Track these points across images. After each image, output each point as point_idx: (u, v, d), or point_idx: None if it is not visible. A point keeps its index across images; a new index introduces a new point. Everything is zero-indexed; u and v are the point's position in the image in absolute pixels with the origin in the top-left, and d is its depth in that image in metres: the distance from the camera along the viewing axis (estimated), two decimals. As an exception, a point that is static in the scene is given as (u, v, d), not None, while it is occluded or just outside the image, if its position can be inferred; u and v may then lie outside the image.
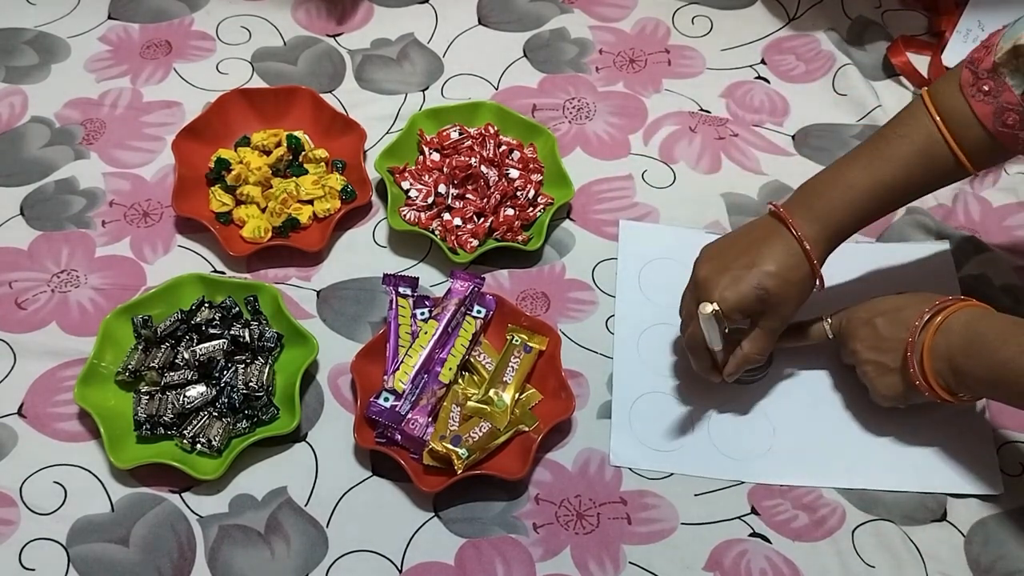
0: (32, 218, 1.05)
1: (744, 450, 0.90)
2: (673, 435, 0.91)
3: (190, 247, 1.03)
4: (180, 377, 0.89)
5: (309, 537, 0.85)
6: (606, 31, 1.24)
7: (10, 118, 1.14)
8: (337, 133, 1.10)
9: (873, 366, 0.85)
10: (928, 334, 0.80)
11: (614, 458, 0.89)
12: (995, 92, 0.78)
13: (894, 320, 0.83)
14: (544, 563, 0.84)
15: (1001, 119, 0.79)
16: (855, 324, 0.86)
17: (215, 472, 0.85)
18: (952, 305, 0.81)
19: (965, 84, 0.80)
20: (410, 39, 1.23)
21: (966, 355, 0.78)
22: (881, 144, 0.84)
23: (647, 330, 0.97)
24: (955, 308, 0.81)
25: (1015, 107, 0.78)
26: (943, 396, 0.81)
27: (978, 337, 0.77)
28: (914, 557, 0.84)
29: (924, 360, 0.80)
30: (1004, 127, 0.79)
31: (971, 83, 0.79)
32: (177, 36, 1.22)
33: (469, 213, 1.01)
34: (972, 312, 0.80)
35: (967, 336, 0.78)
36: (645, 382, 0.94)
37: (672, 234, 1.04)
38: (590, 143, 1.13)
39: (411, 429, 0.87)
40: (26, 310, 0.98)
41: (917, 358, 0.81)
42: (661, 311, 0.97)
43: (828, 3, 1.27)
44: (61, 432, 0.90)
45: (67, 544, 0.84)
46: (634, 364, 0.95)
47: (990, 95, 0.79)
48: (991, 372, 0.76)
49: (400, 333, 0.93)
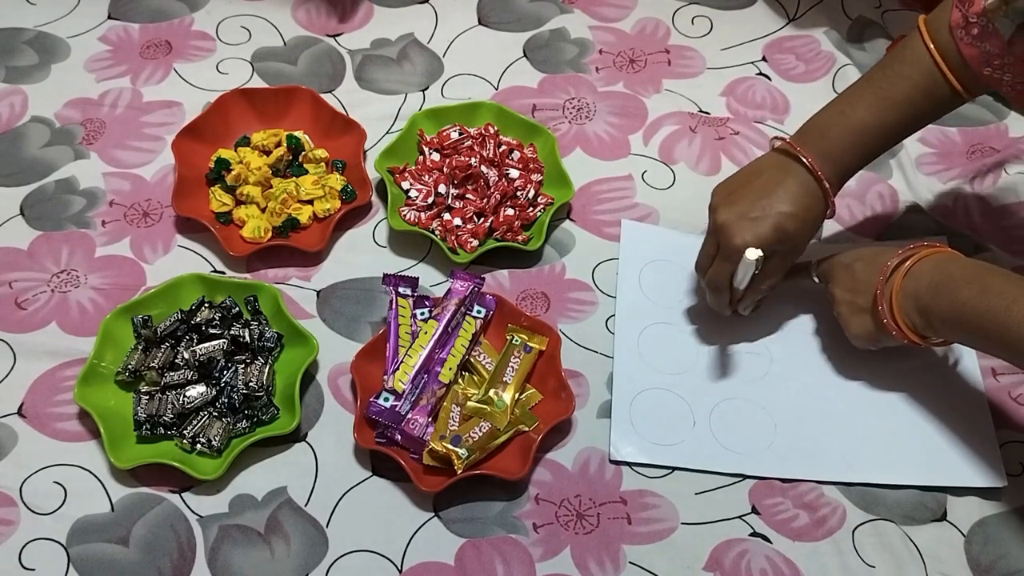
0: (32, 218, 1.05)
1: (746, 444, 0.90)
2: (674, 430, 0.91)
3: (190, 247, 1.03)
4: (180, 377, 0.89)
5: (309, 537, 0.85)
6: (606, 31, 1.25)
7: (10, 118, 1.14)
8: (337, 133, 1.10)
9: (847, 306, 0.87)
10: (899, 276, 0.82)
11: (614, 453, 0.89)
12: (982, 36, 0.79)
13: (871, 263, 0.86)
14: (544, 563, 0.84)
15: (987, 62, 0.80)
16: (836, 267, 0.89)
17: (215, 472, 0.85)
18: (925, 250, 0.83)
19: (955, 25, 0.81)
20: (410, 39, 1.23)
21: (932, 296, 0.79)
22: (884, 84, 0.86)
23: (647, 328, 0.97)
24: (927, 252, 0.83)
25: (1000, 53, 0.79)
26: (911, 337, 0.82)
27: (944, 278, 0.79)
28: (914, 557, 0.84)
29: (893, 300, 0.82)
30: (990, 68, 0.81)
31: (960, 25, 0.80)
32: (177, 36, 1.22)
33: (469, 213, 1.01)
34: (942, 256, 0.82)
35: (934, 278, 0.80)
36: (645, 379, 0.94)
37: (673, 237, 1.04)
38: (590, 143, 1.13)
39: (411, 429, 0.87)
40: (26, 310, 0.98)
41: (887, 299, 0.83)
42: (661, 310, 0.98)
43: (828, 3, 1.28)
44: (61, 432, 0.90)
45: (67, 544, 0.84)
46: (634, 361, 0.95)
47: (977, 39, 0.80)
48: (952, 312, 0.77)
49: (400, 333, 0.93)
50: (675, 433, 0.91)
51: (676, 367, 0.95)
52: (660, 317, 0.98)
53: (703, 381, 0.93)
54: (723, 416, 0.92)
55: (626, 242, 1.03)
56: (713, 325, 0.98)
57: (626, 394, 0.93)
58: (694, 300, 1.00)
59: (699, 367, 0.95)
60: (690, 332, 0.98)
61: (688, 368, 0.94)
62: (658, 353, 0.96)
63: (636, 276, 1.01)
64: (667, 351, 0.96)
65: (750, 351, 0.96)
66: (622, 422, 0.91)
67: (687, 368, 0.95)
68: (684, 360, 0.95)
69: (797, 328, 0.98)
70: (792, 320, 0.99)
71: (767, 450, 0.90)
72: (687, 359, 0.95)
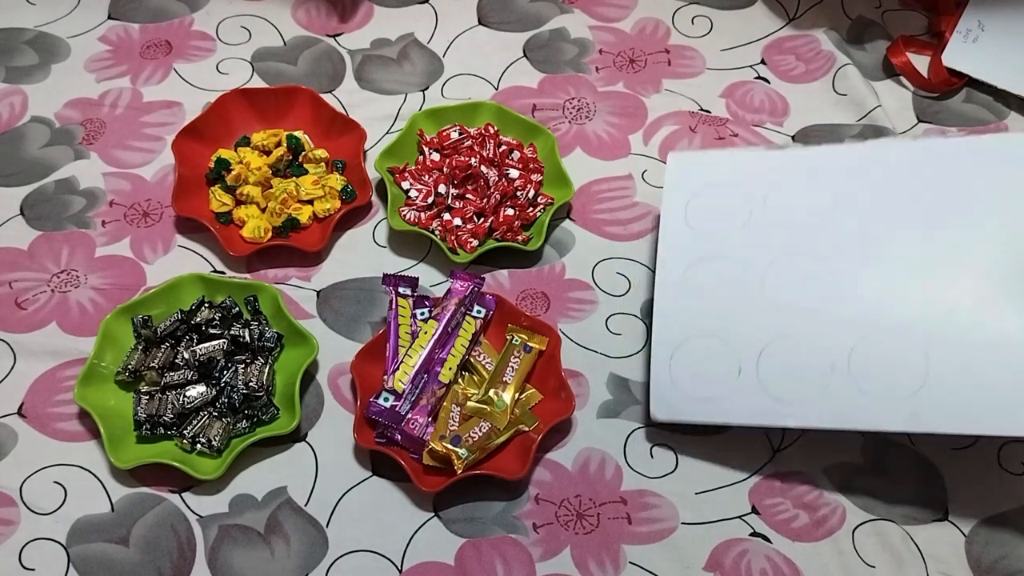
0: (32, 218, 1.05)
1: (797, 391, 0.80)
2: (722, 382, 0.83)
3: (190, 247, 1.03)
4: (180, 377, 0.89)
5: (309, 537, 0.85)
6: (606, 31, 1.25)
7: (10, 118, 1.14)
8: (337, 133, 1.10)
9: None
10: None
11: (655, 412, 0.83)
12: None
13: None
14: (544, 563, 0.84)
15: None
16: None
17: (215, 472, 0.85)
18: None
19: None
20: (410, 39, 1.23)
21: None
22: None
23: (694, 265, 0.89)
24: None
25: None
26: None
27: None
28: (915, 557, 0.84)
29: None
30: None
31: None
32: (177, 36, 1.22)
33: (469, 213, 1.01)
34: None
35: None
36: (691, 326, 0.86)
37: (727, 158, 0.95)
38: (590, 143, 1.13)
39: (411, 429, 0.87)
40: (26, 310, 0.98)
41: None
42: (711, 243, 0.89)
43: (828, 3, 1.28)
44: (61, 432, 0.90)
45: (67, 544, 0.84)
46: (678, 307, 0.87)
47: None
48: None
49: (400, 333, 0.93)
50: (724, 386, 0.83)
51: (726, 306, 0.86)
52: (710, 251, 0.89)
53: (757, 317, 0.83)
54: (775, 363, 0.82)
55: (672, 177, 0.95)
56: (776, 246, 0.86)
57: (668, 345, 0.85)
58: (748, 224, 0.89)
59: (753, 302, 0.85)
60: (743, 262, 0.87)
61: (740, 305, 0.85)
62: (706, 294, 0.87)
63: (682, 211, 0.91)
64: (716, 291, 0.87)
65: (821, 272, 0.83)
66: (663, 378, 0.84)
67: (738, 306, 0.85)
68: (734, 300, 0.86)
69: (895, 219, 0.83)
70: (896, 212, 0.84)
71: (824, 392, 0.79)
72: (740, 294, 0.86)
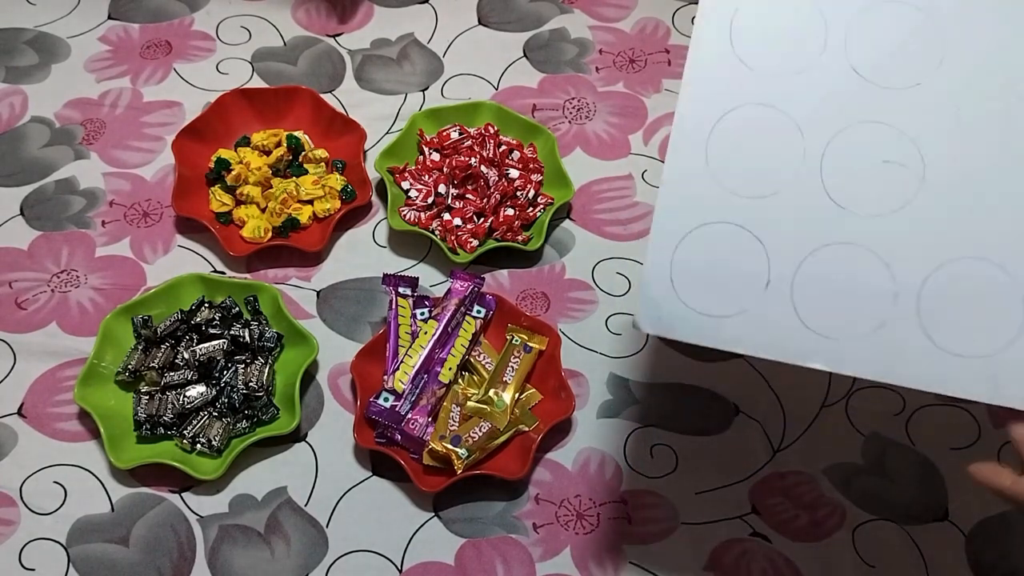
0: (32, 218, 1.05)
1: (841, 323, 0.59)
2: (741, 294, 0.61)
3: (190, 247, 1.03)
4: (180, 377, 0.89)
5: (309, 537, 0.85)
6: (606, 31, 1.25)
7: (10, 118, 1.14)
8: (337, 133, 1.10)
9: None
10: None
11: (641, 321, 0.61)
12: None
13: None
14: (544, 563, 0.84)
15: None
16: None
17: (215, 472, 0.85)
18: None
19: None
20: (410, 39, 1.23)
21: None
22: None
23: (730, 114, 0.62)
24: None
25: None
26: None
27: None
28: (915, 557, 0.84)
29: None
30: None
31: None
32: (177, 36, 1.22)
33: (469, 213, 1.01)
34: None
35: None
36: (710, 206, 0.61)
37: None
38: (590, 143, 1.13)
39: (411, 429, 0.87)
40: (26, 310, 0.98)
41: None
42: (766, 81, 0.61)
43: (828, 3, 1.27)
44: (61, 432, 0.90)
45: (67, 544, 0.84)
46: (696, 175, 0.61)
47: None
48: None
49: (400, 333, 0.93)
50: (738, 296, 0.61)
51: (767, 183, 0.61)
52: (761, 96, 0.61)
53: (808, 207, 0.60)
54: (820, 273, 0.60)
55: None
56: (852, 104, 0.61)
57: (673, 231, 0.61)
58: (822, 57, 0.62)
59: (804, 183, 0.61)
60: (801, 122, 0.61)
61: (787, 186, 0.61)
62: (739, 157, 0.61)
63: (726, 26, 0.64)
64: (757, 155, 0.61)
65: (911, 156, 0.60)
66: (657, 276, 0.61)
67: (784, 186, 0.61)
68: (783, 171, 0.61)
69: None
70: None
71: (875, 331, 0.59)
72: (789, 168, 0.61)
